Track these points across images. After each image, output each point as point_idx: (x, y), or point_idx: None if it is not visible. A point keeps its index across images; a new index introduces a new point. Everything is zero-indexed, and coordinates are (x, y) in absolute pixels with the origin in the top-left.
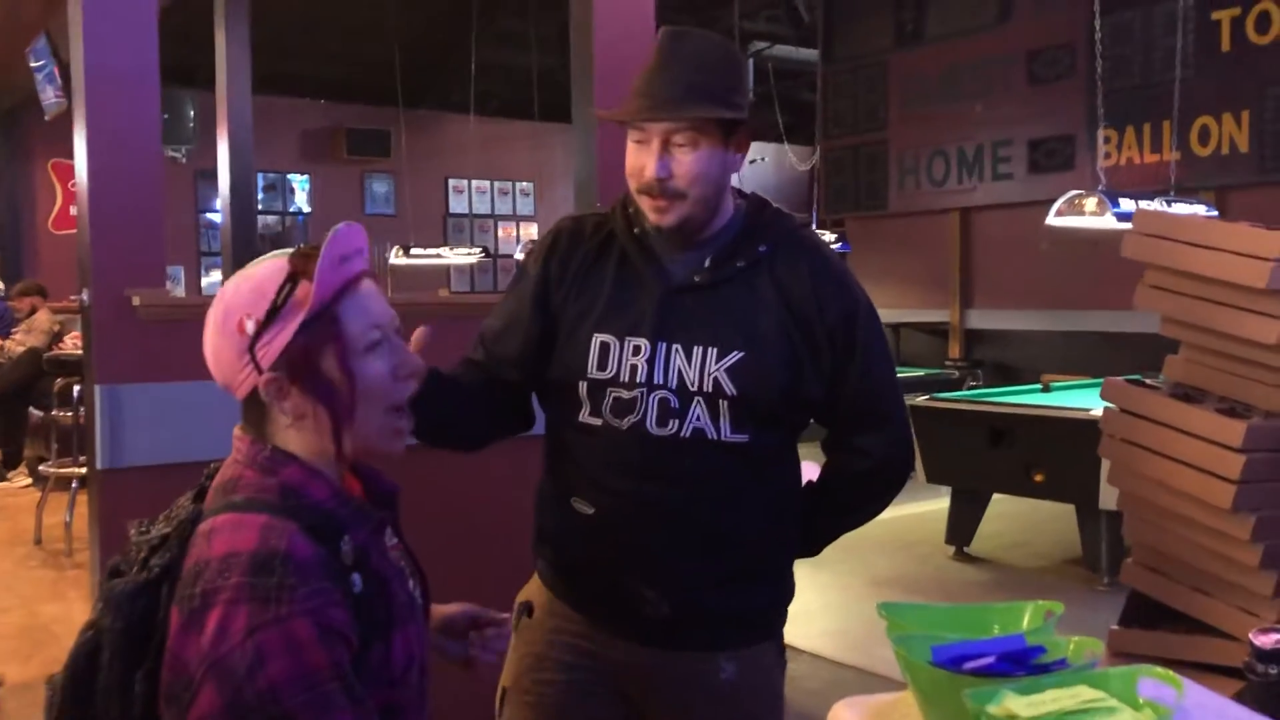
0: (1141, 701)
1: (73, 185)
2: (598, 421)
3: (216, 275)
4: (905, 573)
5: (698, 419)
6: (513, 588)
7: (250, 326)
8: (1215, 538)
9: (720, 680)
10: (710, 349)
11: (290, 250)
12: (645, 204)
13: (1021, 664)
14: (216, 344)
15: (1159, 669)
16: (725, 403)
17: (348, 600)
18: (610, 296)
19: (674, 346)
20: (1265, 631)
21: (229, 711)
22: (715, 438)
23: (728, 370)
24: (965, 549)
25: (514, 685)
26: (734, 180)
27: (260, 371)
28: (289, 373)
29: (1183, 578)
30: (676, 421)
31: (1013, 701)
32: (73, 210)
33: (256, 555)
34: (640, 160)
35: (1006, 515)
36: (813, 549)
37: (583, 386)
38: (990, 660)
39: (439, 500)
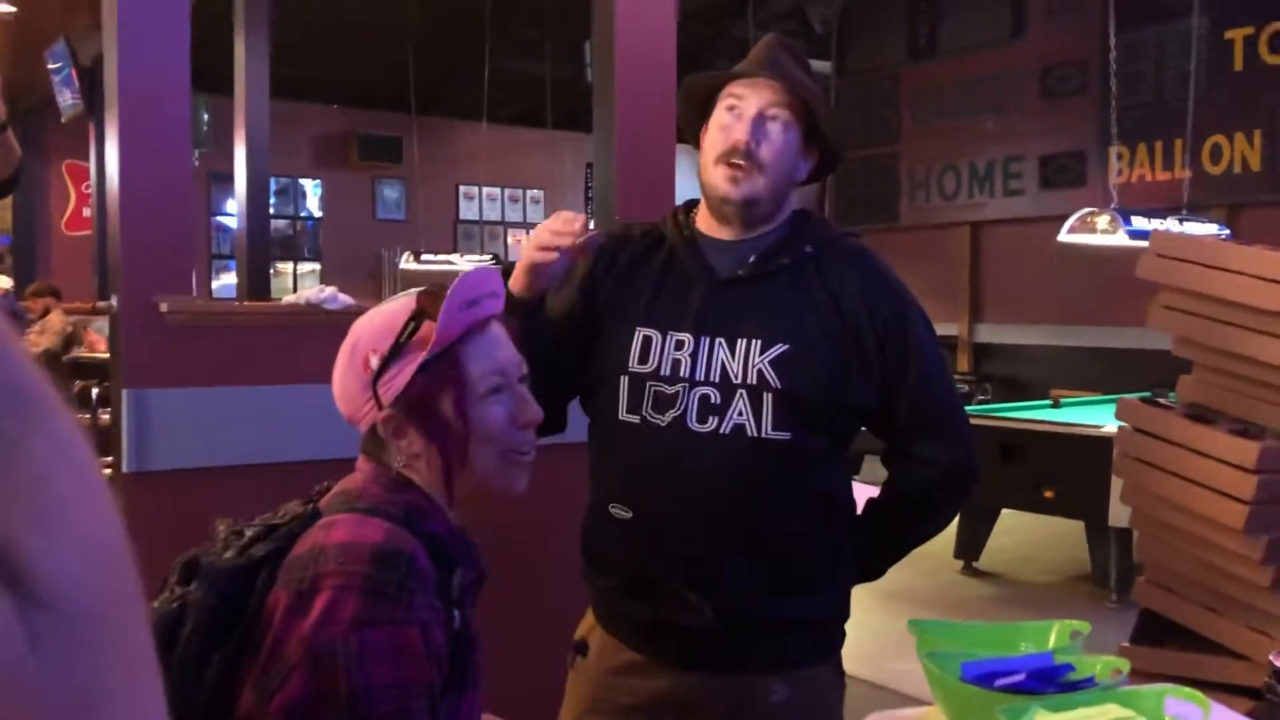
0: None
1: (86, 187)
2: (635, 418)
3: (227, 278)
4: (913, 586)
5: (739, 414)
6: (565, 621)
7: (375, 362)
8: (1228, 558)
9: (769, 703)
10: (754, 340)
11: (422, 289)
12: (721, 175)
13: (1050, 681)
14: (343, 375)
15: (1186, 689)
16: (770, 396)
17: (447, 631)
18: (654, 292)
19: (717, 340)
20: None
21: (317, 700)
22: (755, 434)
23: (771, 362)
24: (974, 564)
25: None
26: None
27: (381, 408)
28: (406, 411)
29: (1195, 597)
30: (716, 418)
31: (1044, 718)
32: (85, 211)
33: (382, 548)
34: (730, 130)
35: (1014, 530)
36: (878, 568)
37: (624, 381)
38: (1020, 677)
39: (481, 524)
